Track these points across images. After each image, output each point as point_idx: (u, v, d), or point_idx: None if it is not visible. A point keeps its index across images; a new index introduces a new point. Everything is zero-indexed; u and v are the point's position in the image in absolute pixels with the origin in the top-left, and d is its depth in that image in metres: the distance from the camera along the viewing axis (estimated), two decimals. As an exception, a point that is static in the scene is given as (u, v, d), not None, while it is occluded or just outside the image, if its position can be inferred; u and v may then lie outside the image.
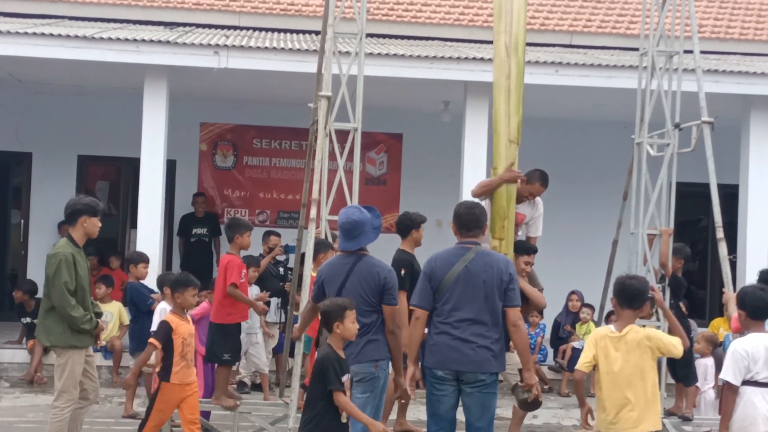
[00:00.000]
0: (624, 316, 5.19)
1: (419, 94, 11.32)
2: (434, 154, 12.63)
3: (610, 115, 11.94)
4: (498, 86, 6.44)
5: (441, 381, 5.34)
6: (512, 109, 6.41)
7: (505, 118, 6.42)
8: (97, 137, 12.32)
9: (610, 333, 5.16)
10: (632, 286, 5.18)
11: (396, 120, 12.66)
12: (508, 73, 6.40)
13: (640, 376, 5.07)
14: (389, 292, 5.47)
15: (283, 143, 12.81)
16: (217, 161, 12.78)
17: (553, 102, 11.40)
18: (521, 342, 5.39)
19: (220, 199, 12.74)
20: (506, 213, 6.41)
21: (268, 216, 12.66)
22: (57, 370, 6.30)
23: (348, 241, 5.55)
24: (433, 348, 5.36)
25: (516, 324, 5.34)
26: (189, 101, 11.85)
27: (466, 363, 5.27)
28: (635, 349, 5.07)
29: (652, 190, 7.91)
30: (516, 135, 6.43)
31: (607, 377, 5.09)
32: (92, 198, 6.50)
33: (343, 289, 5.47)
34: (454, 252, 5.44)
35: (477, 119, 10.36)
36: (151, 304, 8.38)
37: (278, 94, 11.49)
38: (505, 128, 6.42)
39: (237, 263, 7.24)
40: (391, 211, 12.86)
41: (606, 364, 5.09)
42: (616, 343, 5.11)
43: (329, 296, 5.54)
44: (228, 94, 11.87)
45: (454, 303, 5.31)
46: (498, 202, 6.45)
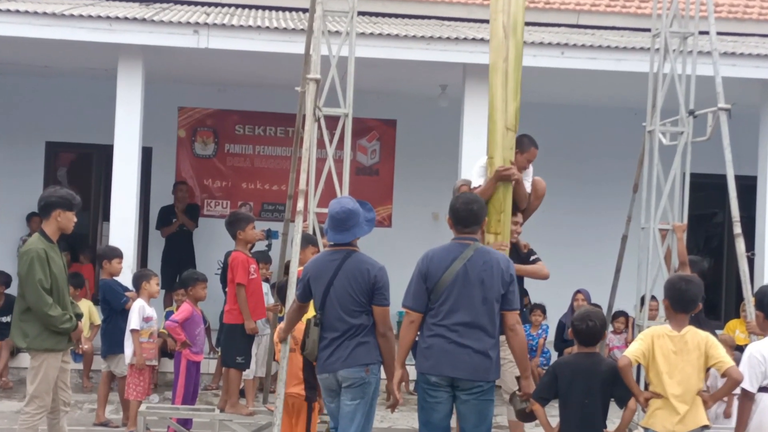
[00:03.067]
0: (678, 319, 5.28)
1: (414, 78, 11.29)
2: (430, 142, 12.61)
3: (619, 101, 11.93)
4: (495, 69, 6.41)
5: (434, 387, 5.34)
6: (510, 94, 6.38)
7: (501, 103, 6.39)
8: (67, 122, 12.28)
9: (669, 332, 5.23)
10: (688, 292, 5.27)
11: (389, 105, 12.64)
12: (506, 56, 6.37)
13: (697, 377, 5.18)
14: (380, 291, 5.46)
15: (267, 130, 12.78)
16: (197, 149, 12.75)
17: (557, 86, 11.39)
18: (519, 347, 5.39)
19: (199, 190, 12.72)
20: (502, 206, 6.38)
21: (251, 208, 12.61)
22: (30, 374, 6.27)
23: (339, 233, 5.52)
24: (426, 352, 5.34)
25: (514, 328, 5.35)
26: (166, 84, 11.80)
27: (461, 369, 5.27)
28: (695, 349, 5.16)
29: (664, 182, 7.91)
30: (513, 122, 6.40)
31: (668, 377, 5.16)
32: (68, 191, 6.47)
33: (331, 287, 5.46)
34: (451, 249, 5.42)
35: (476, 104, 10.32)
36: (125, 303, 8.39)
37: (263, 76, 11.45)
38: (502, 114, 6.39)
39: (241, 260, 7.28)
40: (384, 203, 12.86)
41: (665, 362, 5.16)
42: (676, 343, 5.19)
43: (316, 295, 5.54)
44: (208, 77, 11.83)
45: (450, 304, 5.30)
46: (494, 195, 6.43)
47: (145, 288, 8.22)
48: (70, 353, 6.66)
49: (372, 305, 5.47)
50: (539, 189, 6.98)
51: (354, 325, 5.44)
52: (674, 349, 5.17)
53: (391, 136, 13.01)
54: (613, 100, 12.05)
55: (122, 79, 10.13)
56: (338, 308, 5.48)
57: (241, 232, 7.39)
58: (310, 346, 5.56)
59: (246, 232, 7.41)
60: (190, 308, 8.03)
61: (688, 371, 5.13)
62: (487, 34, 10.18)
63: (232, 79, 11.99)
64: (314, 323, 5.55)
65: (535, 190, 6.95)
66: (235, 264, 7.27)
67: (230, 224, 7.49)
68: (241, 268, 7.22)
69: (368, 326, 5.48)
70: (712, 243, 13.82)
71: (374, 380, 5.52)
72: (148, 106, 10.48)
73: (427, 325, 5.37)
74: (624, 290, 9.02)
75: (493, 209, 6.38)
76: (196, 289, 8.08)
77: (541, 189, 6.97)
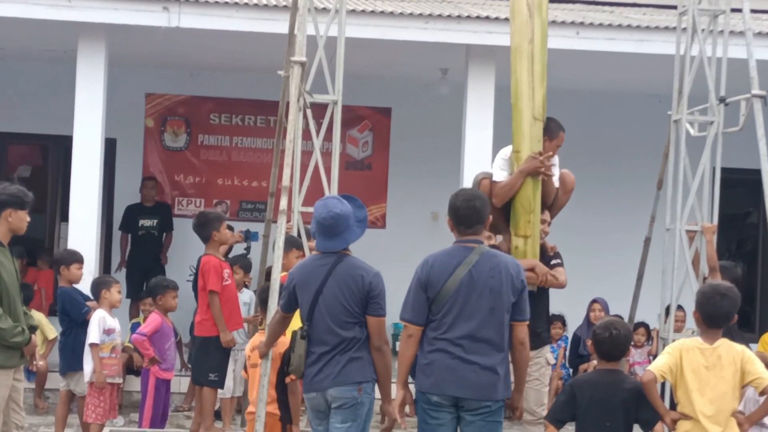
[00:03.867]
0: (711, 333, 5.30)
1: (412, 61, 11.30)
2: (429, 133, 12.62)
3: (641, 87, 11.95)
4: (519, 52, 6.46)
5: (436, 407, 5.35)
6: (537, 79, 6.44)
7: (528, 90, 6.44)
8: (20, 111, 12.24)
9: (700, 345, 5.25)
10: (723, 307, 5.28)
11: (384, 92, 12.64)
12: (531, 37, 6.42)
13: (732, 395, 5.18)
14: (375, 300, 5.47)
15: (246, 119, 12.76)
16: (167, 140, 12.74)
17: (572, 71, 11.39)
18: (523, 362, 5.45)
19: (170, 186, 12.71)
20: (532, 205, 6.41)
21: (228, 207, 12.62)
22: (-22, 394, 6.26)
23: (329, 240, 5.53)
24: (427, 368, 5.36)
25: (523, 342, 5.39)
26: (132, 68, 11.79)
27: (466, 388, 5.28)
28: (731, 364, 5.19)
29: (692, 178, 7.93)
30: (541, 111, 6.47)
31: (698, 396, 5.17)
32: (19, 187, 6.46)
33: (320, 295, 5.46)
34: (453, 253, 5.43)
35: (481, 91, 10.35)
36: (86, 313, 8.39)
37: (241, 59, 11.45)
38: (529, 102, 6.44)
39: (213, 264, 7.30)
40: (378, 201, 12.86)
41: (695, 379, 5.18)
42: (708, 357, 5.20)
43: (303, 305, 5.54)
44: (180, 60, 11.83)
45: (454, 316, 5.31)
46: (522, 192, 6.44)
47: (105, 297, 8.22)
48: (22, 370, 6.64)
49: (366, 316, 5.47)
50: (568, 183, 6.95)
51: (346, 338, 5.44)
52: (706, 364, 5.18)
53: (385, 126, 13.01)
54: (634, 86, 12.07)
55: (83, 61, 10.11)
56: (328, 319, 5.48)
57: (217, 233, 7.41)
58: (296, 362, 5.56)
59: (221, 232, 7.41)
60: (159, 319, 8.04)
61: (722, 389, 5.14)
62: (493, 11, 10.23)
63: (207, 62, 11.97)
64: (301, 336, 5.55)
65: (564, 185, 6.92)
66: (206, 269, 7.28)
67: (201, 226, 7.49)
68: (213, 273, 7.23)
69: (361, 340, 5.48)
70: (745, 246, 13.85)
71: (368, 400, 5.52)
72: (112, 93, 10.46)
73: (427, 339, 5.38)
74: (646, 299, 9.04)
75: (522, 209, 6.39)
76: (166, 298, 8.09)
77: (570, 183, 6.94)
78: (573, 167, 7.29)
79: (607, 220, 12.73)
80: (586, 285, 11.12)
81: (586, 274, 11.64)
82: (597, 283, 11.48)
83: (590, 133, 12.80)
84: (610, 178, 12.81)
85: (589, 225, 12.48)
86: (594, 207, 12.50)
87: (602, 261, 12.39)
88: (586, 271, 11.80)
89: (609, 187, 12.78)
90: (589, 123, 12.82)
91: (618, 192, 12.74)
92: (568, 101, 12.45)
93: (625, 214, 12.27)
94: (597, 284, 11.39)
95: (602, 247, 12.62)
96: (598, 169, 12.67)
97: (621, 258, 11.29)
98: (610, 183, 12.79)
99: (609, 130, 12.97)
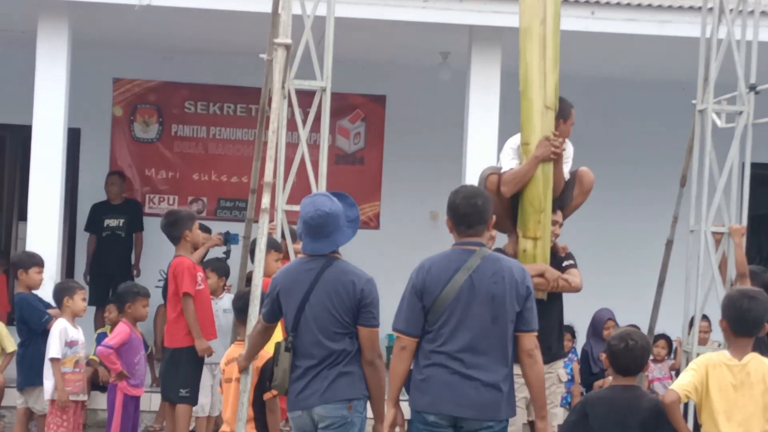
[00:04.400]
0: (739, 344, 5.28)
1: (409, 43, 11.30)
2: (428, 123, 12.61)
3: (663, 74, 11.96)
4: (529, 34, 6.46)
5: (433, 428, 5.34)
6: (549, 64, 6.46)
7: (539, 76, 6.45)
8: (-26, 98, 12.24)
9: (727, 360, 5.24)
10: (752, 311, 5.26)
11: (378, 78, 12.64)
12: (543, 17, 6.43)
13: (762, 417, 5.17)
14: (368, 308, 5.47)
15: (225, 107, 12.76)
16: (137, 131, 12.73)
17: (586, 55, 11.39)
18: (537, 379, 5.38)
19: (140, 182, 12.70)
20: (542, 204, 6.40)
21: (205, 205, 12.64)
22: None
23: (317, 242, 5.53)
24: (422, 385, 5.34)
25: (532, 354, 5.34)
26: (99, 50, 11.75)
27: (467, 407, 5.27)
28: (759, 382, 5.18)
29: (719, 174, 7.93)
30: (553, 99, 6.47)
31: (725, 419, 5.16)
32: None
33: (307, 303, 5.46)
34: (452, 257, 5.42)
35: (486, 77, 10.33)
36: (46, 322, 8.39)
37: (220, 41, 11.44)
38: (540, 90, 6.46)
39: (187, 265, 7.31)
40: (371, 199, 12.85)
41: (722, 399, 5.17)
42: (737, 374, 5.19)
43: (287, 314, 5.54)
44: (151, 41, 11.82)
45: (452, 326, 5.30)
46: (531, 190, 6.42)
47: (68, 305, 8.20)
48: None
49: (357, 326, 5.47)
50: (586, 183, 6.90)
51: (335, 350, 5.44)
52: (734, 383, 5.18)
53: (379, 115, 13.00)
54: (655, 72, 12.07)
55: (43, 43, 10.07)
56: (315, 330, 5.48)
57: (189, 233, 7.41)
58: (280, 377, 5.55)
59: (194, 232, 7.42)
60: (128, 330, 8.02)
61: (750, 410, 5.14)
62: (499, -12, 10.18)
63: (181, 45, 11.97)
64: (285, 348, 5.55)
65: (581, 184, 6.88)
66: (179, 270, 7.28)
67: (171, 225, 7.51)
68: (187, 275, 7.24)
69: (352, 353, 5.48)
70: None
71: (358, 420, 5.52)
72: (76, 78, 10.43)
73: (423, 352, 5.37)
74: (668, 309, 9.02)
75: (531, 208, 6.38)
76: (136, 307, 8.07)
77: (588, 183, 6.89)
78: (586, 162, 7.27)
79: (623, 220, 12.73)
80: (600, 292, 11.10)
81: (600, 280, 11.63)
82: (612, 290, 11.47)
83: (606, 125, 12.81)
84: (628, 174, 12.80)
85: (603, 226, 12.48)
86: (609, 206, 12.47)
87: (618, 266, 12.39)
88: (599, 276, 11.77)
89: (626, 184, 12.77)
90: (605, 113, 12.83)
91: (636, 189, 12.74)
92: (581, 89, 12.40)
93: (644, 214, 12.28)
94: (612, 292, 11.37)
95: (618, 250, 12.61)
96: (615, 165, 12.65)
97: (639, 263, 11.28)
98: (627, 179, 12.78)
99: (627, 122, 12.96)
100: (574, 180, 6.89)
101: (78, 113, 10.87)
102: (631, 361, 5.34)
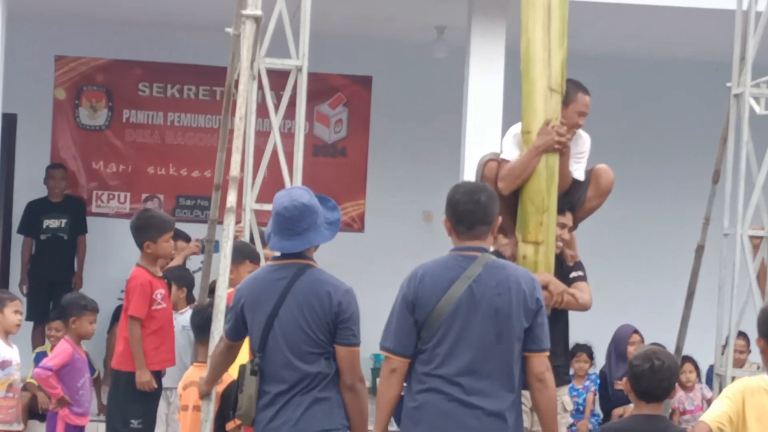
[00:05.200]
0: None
1: (399, 16, 11.32)
2: (421, 109, 12.62)
3: (694, 52, 12.01)
4: (531, 3, 6.45)
5: (427, 463, 5.37)
6: (554, 39, 6.44)
7: (542, 53, 6.43)
8: None
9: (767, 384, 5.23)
10: None
11: (362, 56, 12.66)
12: (548, -19, 6.42)
13: None
14: (346, 324, 5.44)
15: (185, 90, 12.79)
16: (82, 117, 12.73)
17: (605, 30, 11.42)
18: (548, 406, 5.38)
19: (85, 176, 12.72)
20: (545, 202, 6.38)
21: (161, 203, 12.66)
22: None
23: (288, 239, 5.50)
24: (415, 414, 5.32)
25: (543, 377, 5.33)
26: (38, 23, 11.78)
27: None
28: None
29: (757, 169, 7.94)
30: (560, 80, 6.45)
31: None
32: None
33: (276, 318, 5.44)
34: (449, 264, 5.40)
35: (488, 55, 10.33)
36: (-24, 337, 8.36)
37: (179, 12, 11.45)
38: (544, 69, 6.44)
39: (141, 281, 7.31)
40: (354, 197, 12.85)
41: (761, 431, 5.16)
42: None
43: (254, 331, 5.52)
44: (99, 13, 11.82)
45: (450, 345, 5.28)
46: (532, 185, 6.42)
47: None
48: None
49: (335, 345, 5.46)
50: (603, 183, 6.82)
51: (308, 373, 5.42)
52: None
53: (364, 100, 13.04)
54: (684, 49, 12.12)
55: (-27, 15, 10.09)
56: (285, 349, 5.45)
57: (151, 244, 7.42)
58: (246, 405, 5.51)
59: (158, 244, 7.46)
60: (71, 350, 7.99)
61: None
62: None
63: (134, 17, 11.95)
64: (251, 371, 5.52)
65: (597, 183, 6.82)
66: (131, 287, 7.31)
67: (136, 229, 7.52)
68: (139, 293, 7.25)
69: (329, 376, 5.46)
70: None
71: (338, 453, 5.54)
72: (12, 55, 10.45)
73: (416, 375, 5.34)
74: (697, 324, 9.02)
75: (532, 207, 6.37)
76: (82, 323, 8.04)
77: (605, 182, 6.80)
78: (604, 155, 7.26)
79: (645, 222, 12.76)
80: (620, 305, 11.11)
81: (620, 292, 11.65)
82: (632, 303, 11.50)
83: (627, 111, 12.84)
84: (653, 168, 12.84)
85: (621, 229, 12.50)
86: (629, 205, 12.50)
87: (639, 275, 12.43)
88: (617, 288, 11.81)
89: (650, 180, 12.81)
90: (626, 98, 12.86)
91: (661, 186, 12.77)
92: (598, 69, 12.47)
93: (670, 214, 12.33)
94: (632, 305, 11.41)
95: (639, 256, 12.64)
96: (637, 157, 12.69)
97: (665, 272, 11.30)
98: (651, 175, 12.82)
99: (651, 107, 12.99)
100: (589, 179, 6.86)
101: (14, 96, 10.83)
102: (657, 384, 5.33)
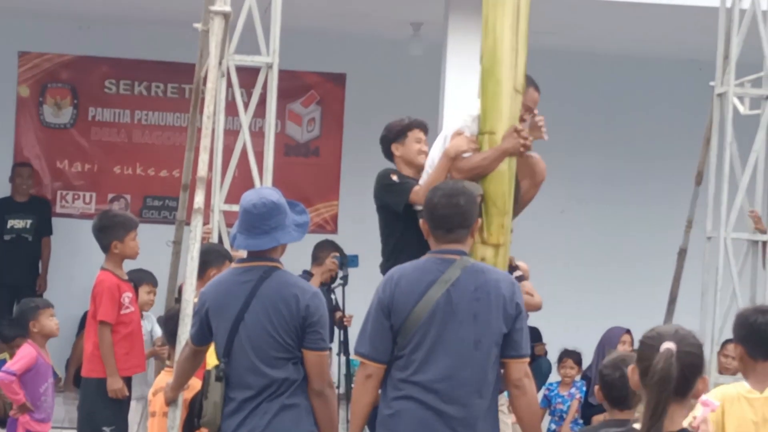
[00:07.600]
0: (759, 371, 5.22)
1: (374, 12, 11.34)
2: (397, 107, 12.52)
3: (676, 50, 12.04)
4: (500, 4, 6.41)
5: (402, 473, 5.37)
6: (521, 41, 6.40)
7: (510, 54, 6.39)
8: None
9: (747, 392, 5.22)
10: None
11: (336, 53, 12.70)
12: (517, -22, 6.39)
13: None
14: (314, 328, 5.43)
15: (153, 87, 12.81)
16: (46, 114, 12.75)
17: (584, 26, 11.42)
18: (529, 413, 5.41)
19: (50, 176, 12.74)
20: (507, 205, 6.36)
21: (128, 203, 12.68)
22: None
23: (255, 237, 5.48)
24: (390, 421, 5.32)
25: (521, 384, 5.35)
26: (1, 18, 11.76)
27: (443, 448, 5.29)
28: None
29: (741, 170, 7.93)
30: (522, 81, 6.43)
31: None
32: None
33: (241, 323, 5.43)
34: (427, 267, 5.41)
35: (463, 51, 10.31)
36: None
37: (146, 7, 11.46)
38: (511, 71, 6.40)
39: (109, 285, 7.37)
40: (327, 197, 12.85)
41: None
42: (759, 408, 5.17)
43: (219, 336, 5.52)
44: (65, 8, 11.82)
45: (426, 351, 5.28)
46: (497, 188, 6.38)
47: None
48: None
49: (302, 350, 5.44)
50: (538, 173, 6.88)
51: (276, 379, 5.40)
52: (755, 419, 5.17)
53: (337, 98, 13.06)
54: (667, 47, 12.15)
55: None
56: (251, 355, 5.44)
57: (119, 244, 7.43)
58: (211, 412, 5.49)
59: (125, 243, 7.48)
60: (35, 353, 7.95)
61: None
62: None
63: (100, 12, 11.96)
64: (216, 377, 5.51)
65: (532, 175, 6.87)
66: (98, 291, 7.33)
67: (100, 230, 7.54)
68: (107, 297, 7.25)
69: (297, 381, 5.45)
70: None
71: (306, 463, 5.54)
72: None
73: (392, 381, 5.35)
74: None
75: (495, 209, 6.33)
76: (41, 321, 7.96)
77: (540, 172, 6.87)
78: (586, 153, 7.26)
79: (627, 225, 12.77)
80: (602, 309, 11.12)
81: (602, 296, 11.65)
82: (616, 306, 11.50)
83: (608, 110, 12.86)
84: (633, 170, 12.87)
85: (602, 232, 12.53)
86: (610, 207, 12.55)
87: (623, 279, 12.43)
88: (602, 291, 11.82)
89: (631, 182, 12.84)
90: (607, 96, 12.88)
91: (643, 188, 12.79)
92: (579, 67, 12.53)
93: (652, 217, 12.34)
94: (616, 309, 11.40)
95: (620, 260, 12.63)
96: (616, 158, 12.73)
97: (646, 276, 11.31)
98: (632, 176, 12.85)
99: (633, 106, 13.01)
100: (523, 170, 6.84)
101: (-25, 93, 10.83)
102: (629, 392, 5.31)
